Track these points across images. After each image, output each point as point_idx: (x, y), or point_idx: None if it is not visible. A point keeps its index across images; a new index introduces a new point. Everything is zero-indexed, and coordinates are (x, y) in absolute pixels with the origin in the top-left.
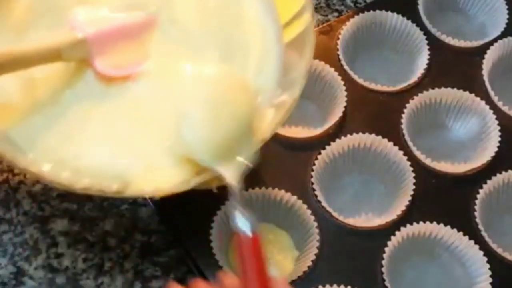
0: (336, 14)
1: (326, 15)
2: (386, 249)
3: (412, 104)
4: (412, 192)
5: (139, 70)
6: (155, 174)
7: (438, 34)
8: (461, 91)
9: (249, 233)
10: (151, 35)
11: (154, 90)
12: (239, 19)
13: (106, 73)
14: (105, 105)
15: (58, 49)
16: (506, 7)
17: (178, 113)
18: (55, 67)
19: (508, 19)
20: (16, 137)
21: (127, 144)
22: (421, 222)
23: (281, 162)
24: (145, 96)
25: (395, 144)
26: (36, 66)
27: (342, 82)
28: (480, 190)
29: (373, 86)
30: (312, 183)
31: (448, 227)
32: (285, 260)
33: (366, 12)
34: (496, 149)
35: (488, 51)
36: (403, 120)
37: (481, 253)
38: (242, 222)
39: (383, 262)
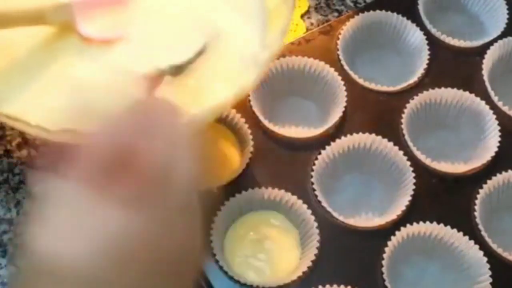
0: (336, 14)
1: (326, 15)
2: (386, 249)
3: (412, 104)
4: (412, 192)
5: (121, 35)
6: None
7: (438, 34)
8: (461, 91)
9: None
10: (135, 1)
11: (131, 56)
12: None
13: (89, 36)
14: (84, 65)
15: (42, 12)
16: (506, 7)
17: None
18: (37, 28)
19: (508, 19)
20: None
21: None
22: (421, 222)
23: (281, 162)
24: (122, 60)
25: (395, 144)
26: (19, 27)
27: (342, 82)
28: (480, 190)
29: (373, 86)
30: (312, 183)
31: (448, 227)
32: (289, 253)
33: (366, 12)
34: (496, 149)
35: (488, 51)
36: (403, 120)
37: (481, 253)
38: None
39: (383, 262)
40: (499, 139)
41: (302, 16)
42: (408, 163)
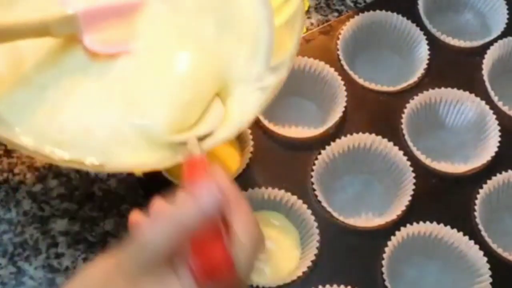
0: (336, 14)
1: (326, 15)
2: (386, 249)
3: (412, 104)
4: (412, 192)
5: (127, 49)
6: (137, 151)
7: (438, 34)
8: (461, 91)
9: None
10: (142, 15)
11: (135, 71)
12: (232, 2)
13: (94, 49)
14: (90, 80)
15: (47, 24)
16: (506, 7)
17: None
18: (43, 41)
19: (508, 19)
20: (2, 111)
21: (109, 121)
22: (421, 222)
23: (281, 162)
24: (127, 75)
25: (395, 144)
26: (24, 39)
27: (342, 82)
28: (480, 190)
29: (373, 86)
30: (312, 183)
31: (448, 227)
32: (289, 253)
33: (366, 12)
34: (496, 149)
35: (488, 51)
36: (403, 120)
37: (481, 253)
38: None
39: (383, 262)
40: (499, 139)
41: None
42: (408, 163)
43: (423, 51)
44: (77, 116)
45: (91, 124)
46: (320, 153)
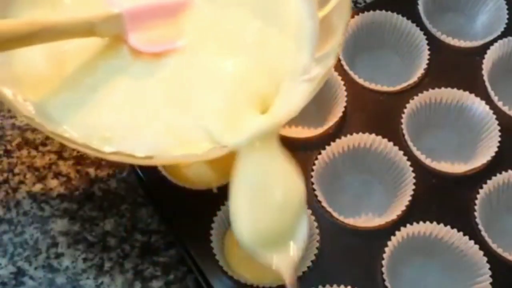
0: None
1: None
2: (386, 249)
3: (412, 104)
4: (412, 192)
5: (172, 48)
6: (188, 144)
7: (438, 34)
8: (461, 91)
9: None
10: (187, 14)
11: (185, 70)
12: None
13: (139, 48)
14: (135, 79)
15: (92, 23)
16: (506, 7)
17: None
18: (88, 41)
19: (508, 19)
20: (49, 109)
21: (158, 117)
22: (421, 222)
23: None
24: (176, 74)
25: (395, 144)
26: (68, 39)
27: (342, 82)
28: (480, 190)
29: (373, 86)
30: (312, 183)
31: (448, 227)
32: None
33: (366, 12)
34: (496, 149)
35: (488, 51)
36: (403, 120)
37: (481, 253)
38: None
39: (383, 262)
40: (499, 139)
41: None
42: (408, 163)
43: (423, 51)
44: (124, 115)
45: (140, 122)
46: (320, 153)
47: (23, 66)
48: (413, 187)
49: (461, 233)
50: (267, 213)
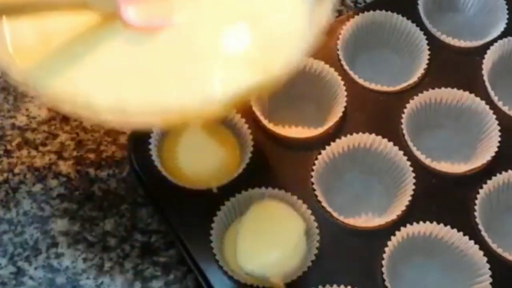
0: (336, 14)
1: None
2: (386, 249)
3: (412, 104)
4: (412, 192)
5: (167, 23)
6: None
7: (438, 34)
8: (461, 91)
9: None
10: None
11: (185, 44)
12: None
13: (133, 23)
14: (130, 44)
15: None
16: (506, 7)
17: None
18: (81, 19)
19: (508, 19)
20: (40, 77)
21: (152, 78)
22: (421, 222)
23: (281, 162)
24: (175, 48)
25: (395, 144)
26: (61, 12)
27: (342, 82)
28: (480, 190)
29: (373, 86)
30: (312, 183)
31: (448, 227)
32: None
33: (366, 12)
34: (496, 149)
35: (488, 51)
36: (403, 120)
37: (481, 253)
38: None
39: (383, 262)
40: (499, 139)
41: None
42: (408, 163)
43: (423, 51)
44: (117, 76)
45: (134, 82)
46: (320, 153)
47: (13, 40)
48: (413, 187)
49: (461, 233)
50: None
